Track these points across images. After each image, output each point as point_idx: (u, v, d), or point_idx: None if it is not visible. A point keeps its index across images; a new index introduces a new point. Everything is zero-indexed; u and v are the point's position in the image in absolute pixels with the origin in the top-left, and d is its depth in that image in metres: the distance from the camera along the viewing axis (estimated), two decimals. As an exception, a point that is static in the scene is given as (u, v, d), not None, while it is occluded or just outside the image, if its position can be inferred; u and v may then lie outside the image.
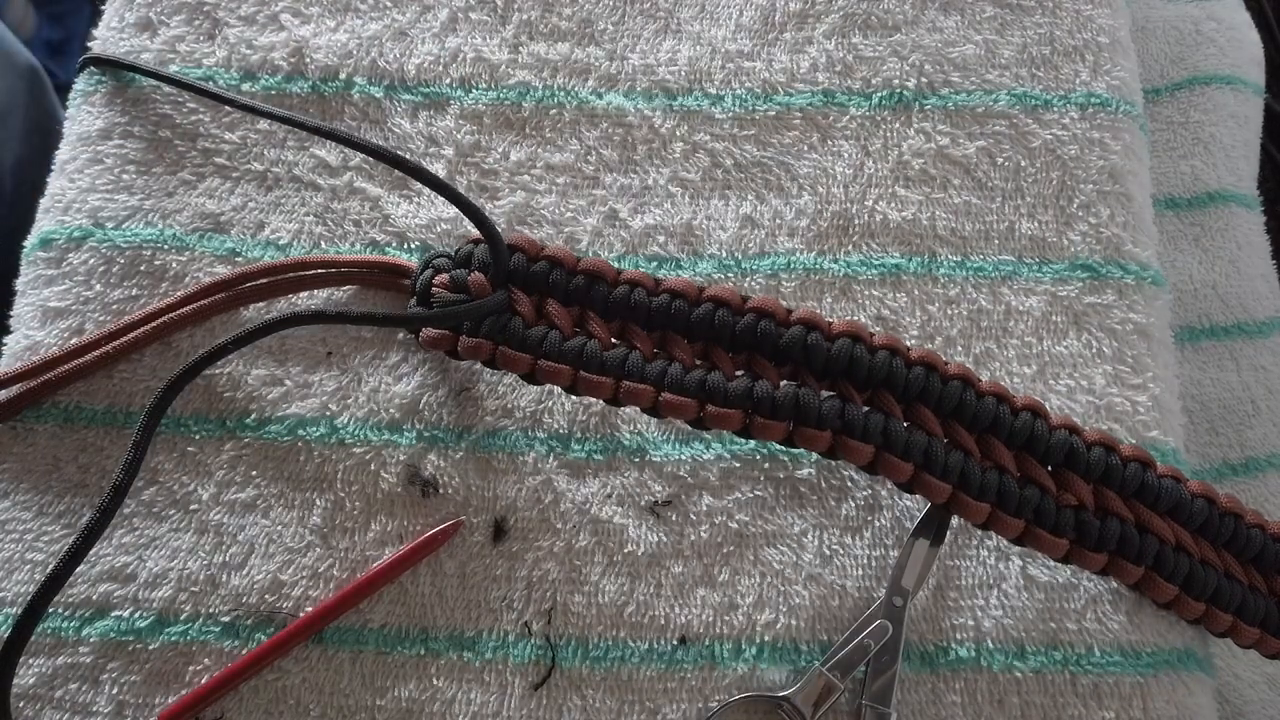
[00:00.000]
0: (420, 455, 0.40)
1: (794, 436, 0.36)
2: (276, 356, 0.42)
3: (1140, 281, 0.43)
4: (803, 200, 0.45)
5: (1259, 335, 0.55)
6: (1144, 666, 0.37)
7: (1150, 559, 0.36)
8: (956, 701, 0.36)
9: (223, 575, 0.38)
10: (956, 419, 0.36)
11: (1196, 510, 0.37)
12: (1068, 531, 0.36)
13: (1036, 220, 0.44)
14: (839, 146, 0.46)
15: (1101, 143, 0.45)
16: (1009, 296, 0.43)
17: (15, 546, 0.39)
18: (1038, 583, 0.38)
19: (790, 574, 0.38)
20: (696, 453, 0.40)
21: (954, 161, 0.45)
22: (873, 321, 0.42)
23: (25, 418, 0.41)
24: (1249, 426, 0.53)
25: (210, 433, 0.40)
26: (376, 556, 0.39)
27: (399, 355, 0.42)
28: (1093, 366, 0.42)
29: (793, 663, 0.37)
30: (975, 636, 0.37)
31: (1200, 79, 0.60)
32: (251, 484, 0.40)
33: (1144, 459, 0.36)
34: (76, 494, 0.40)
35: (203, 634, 0.38)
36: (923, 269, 0.43)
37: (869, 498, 0.40)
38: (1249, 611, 0.37)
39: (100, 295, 0.43)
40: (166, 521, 0.39)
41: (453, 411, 0.41)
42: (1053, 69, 0.47)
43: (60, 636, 0.37)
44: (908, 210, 0.44)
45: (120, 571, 0.38)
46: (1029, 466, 0.36)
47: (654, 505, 0.39)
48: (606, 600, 0.38)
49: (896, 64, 0.47)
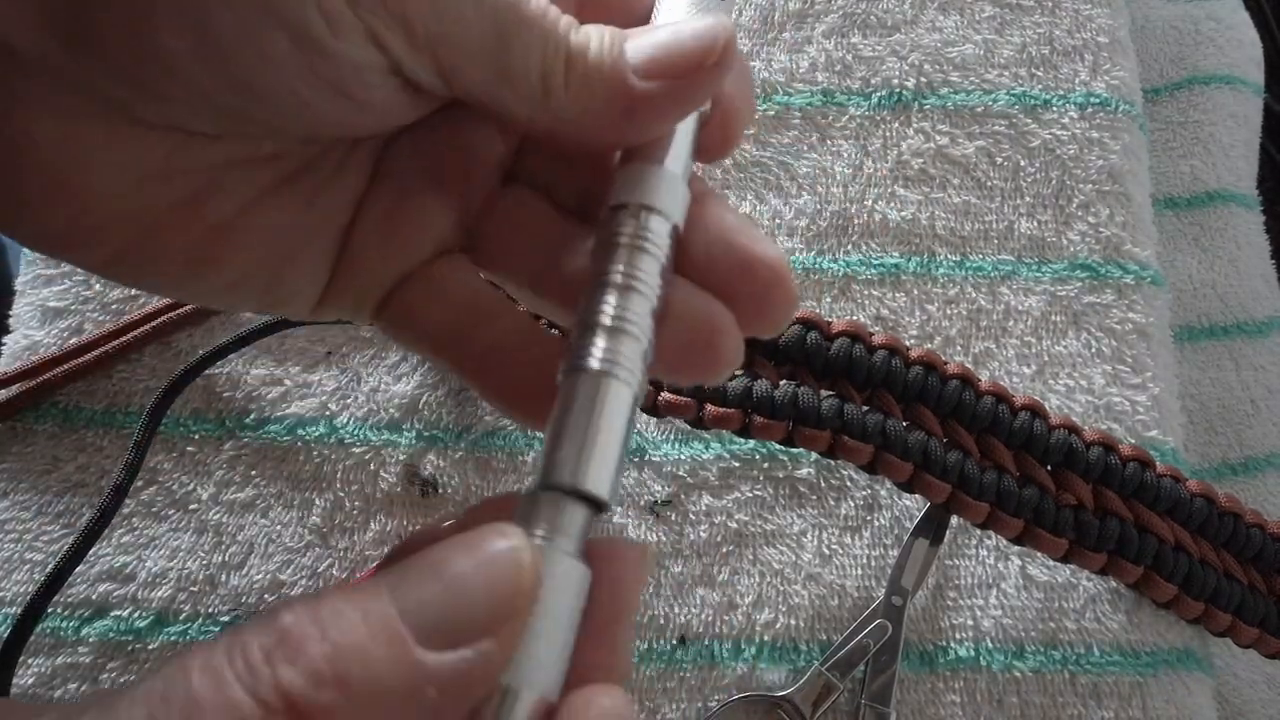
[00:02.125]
0: (420, 455, 0.40)
1: (793, 436, 0.36)
2: (276, 356, 0.42)
3: (1139, 281, 0.43)
4: (802, 200, 0.45)
5: (1258, 335, 0.55)
6: (1143, 666, 0.37)
7: (1149, 558, 0.36)
8: (956, 701, 0.36)
9: (222, 575, 0.38)
10: (956, 419, 0.36)
11: (1196, 510, 0.37)
12: (1067, 531, 0.36)
13: (1035, 220, 0.44)
14: (838, 146, 0.46)
15: (1101, 142, 0.45)
16: (1008, 296, 0.43)
17: (14, 546, 0.39)
18: (1037, 582, 0.38)
19: (790, 573, 0.38)
20: (696, 452, 0.40)
21: (953, 161, 0.45)
22: (872, 321, 0.42)
23: (24, 418, 0.41)
24: (1248, 426, 0.53)
25: (210, 432, 0.40)
26: (376, 556, 0.39)
27: (398, 355, 0.42)
28: (1092, 366, 0.41)
29: (792, 662, 0.37)
30: (974, 636, 0.37)
31: (1200, 79, 0.60)
32: (251, 484, 0.40)
33: (1143, 458, 0.36)
34: (76, 494, 0.40)
35: (202, 634, 0.38)
36: (922, 268, 0.43)
37: (868, 497, 0.40)
38: (1248, 611, 0.37)
39: (100, 295, 0.43)
40: (166, 521, 0.39)
41: (452, 411, 0.41)
42: (1052, 69, 0.47)
43: (60, 636, 0.37)
44: (907, 210, 0.44)
45: (120, 571, 0.38)
46: (1028, 466, 0.36)
47: (653, 505, 0.39)
48: (606, 600, 0.38)
49: (896, 64, 0.47)
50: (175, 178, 0.20)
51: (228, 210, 0.20)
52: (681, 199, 0.20)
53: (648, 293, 0.19)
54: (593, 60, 0.19)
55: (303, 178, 0.21)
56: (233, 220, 0.21)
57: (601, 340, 0.18)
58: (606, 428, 0.18)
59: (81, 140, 0.19)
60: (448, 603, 0.15)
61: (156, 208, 0.20)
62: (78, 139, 0.18)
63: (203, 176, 0.20)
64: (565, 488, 0.17)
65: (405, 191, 0.22)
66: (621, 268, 0.19)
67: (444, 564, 0.15)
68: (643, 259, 0.19)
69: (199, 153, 0.20)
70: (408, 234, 0.22)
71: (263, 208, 0.21)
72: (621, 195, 0.20)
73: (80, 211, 0.19)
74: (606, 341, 0.18)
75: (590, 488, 0.17)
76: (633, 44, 0.19)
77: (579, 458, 0.17)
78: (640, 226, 0.19)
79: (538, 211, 0.22)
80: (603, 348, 0.18)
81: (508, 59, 0.19)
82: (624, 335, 0.18)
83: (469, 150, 0.22)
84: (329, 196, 0.22)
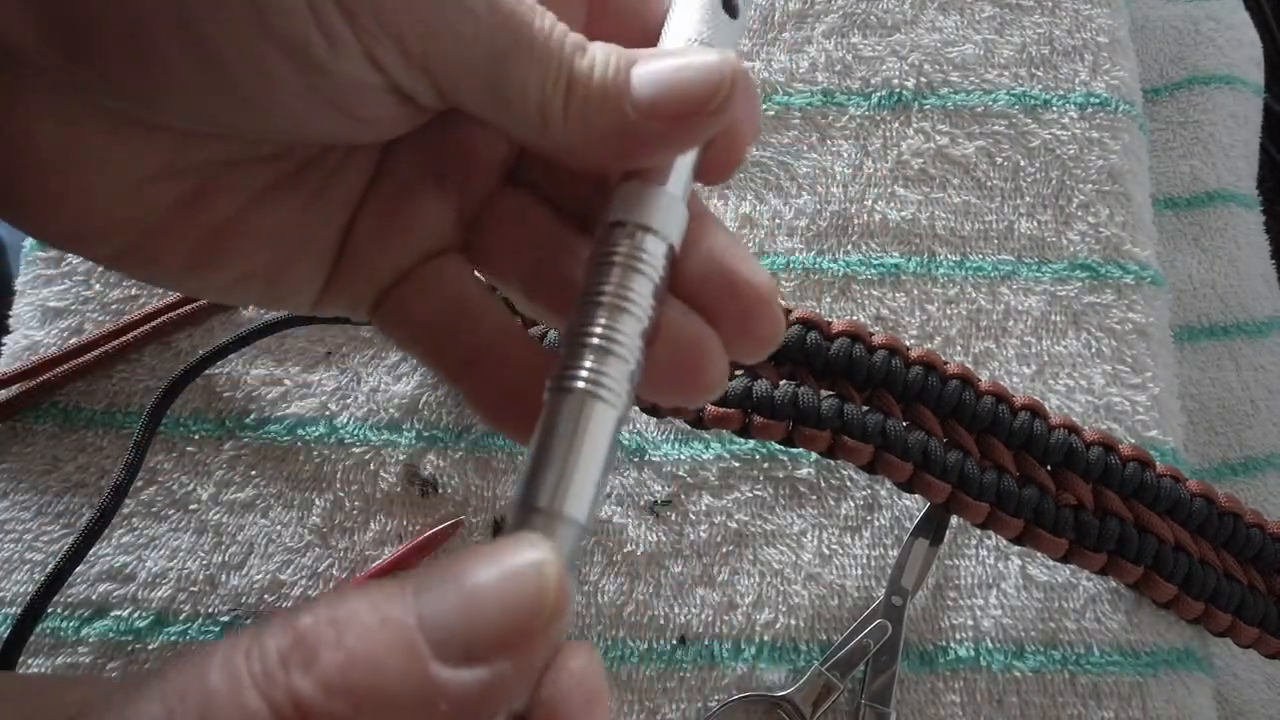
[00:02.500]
0: (419, 455, 0.40)
1: (793, 436, 0.36)
2: (276, 356, 0.42)
3: (1139, 281, 0.43)
4: (802, 200, 0.45)
5: (1258, 335, 0.55)
6: (1143, 666, 0.37)
7: (1149, 558, 0.36)
8: (956, 701, 0.36)
9: (222, 575, 0.38)
10: (956, 419, 0.36)
11: (1196, 510, 0.37)
12: (1067, 531, 0.36)
13: (1035, 220, 0.44)
14: (838, 146, 0.46)
15: (1100, 142, 0.45)
16: (1008, 296, 0.43)
17: (14, 546, 0.39)
18: (1037, 582, 0.38)
19: (789, 573, 0.38)
20: (696, 452, 0.40)
21: (953, 161, 0.45)
22: (872, 321, 0.42)
23: (24, 417, 0.41)
24: (1248, 426, 0.53)
25: (210, 432, 0.40)
26: (375, 556, 0.39)
27: (398, 355, 0.42)
28: (1092, 366, 0.41)
29: (792, 662, 0.37)
30: (974, 636, 0.37)
31: (1199, 79, 0.60)
32: (251, 484, 0.40)
33: (1143, 458, 0.36)
34: (76, 494, 0.40)
35: (202, 634, 0.38)
36: (922, 268, 0.43)
37: (868, 497, 0.40)
38: (1248, 611, 0.37)
39: (99, 295, 0.43)
40: (166, 521, 0.39)
41: (452, 411, 0.41)
42: (1052, 69, 0.47)
43: (60, 636, 0.37)
44: (907, 210, 0.44)
45: (119, 571, 0.38)
46: (1028, 466, 0.36)
47: (653, 505, 0.39)
48: (606, 600, 0.38)
49: (895, 63, 0.47)
50: (175, 178, 0.20)
51: (228, 210, 0.20)
52: (680, 221, 0.20)
53: (639, 314, 0.19)
54: (596, 89, 0.19)
55: (303, 177, 0.21)
56: (233, 219, 0.21)
57: (589, 360, 0.18)
58: (589, 450, 0.17)
59: (82, 142, 0.19)
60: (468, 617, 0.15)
61: (157, 207, 0.20)
62: (78, 141, 0.18)
63: (203, 176, 0.20)
64: (543, 511, 0.17)
65: (406, 190, 0.22)
66: (613, 287, 0.19)
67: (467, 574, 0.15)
68: (636, 279, 0.19)
69: (199, 153, 0.20)
70: (407, 232, 0.22)
71: (263, 207, 0.21)
72: (619, 213, 0.19)
73: (81, 212, 0.19)
74: (594, 361, 0.18)
75: (569, 511, 0.17)
76: (639, 72, 0.19)
77: (559, 480, 0.17)
78: (635, 246, 0.19)
79: (537, 215, 0.22)
80: (589, 368, 0.18)
81: (506, 83, 0.18)
82: (612, 356, 0.18)
83: (471, 151, 0.22)
84: (329, 195, 0.22)
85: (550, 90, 0.19)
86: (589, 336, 0.18)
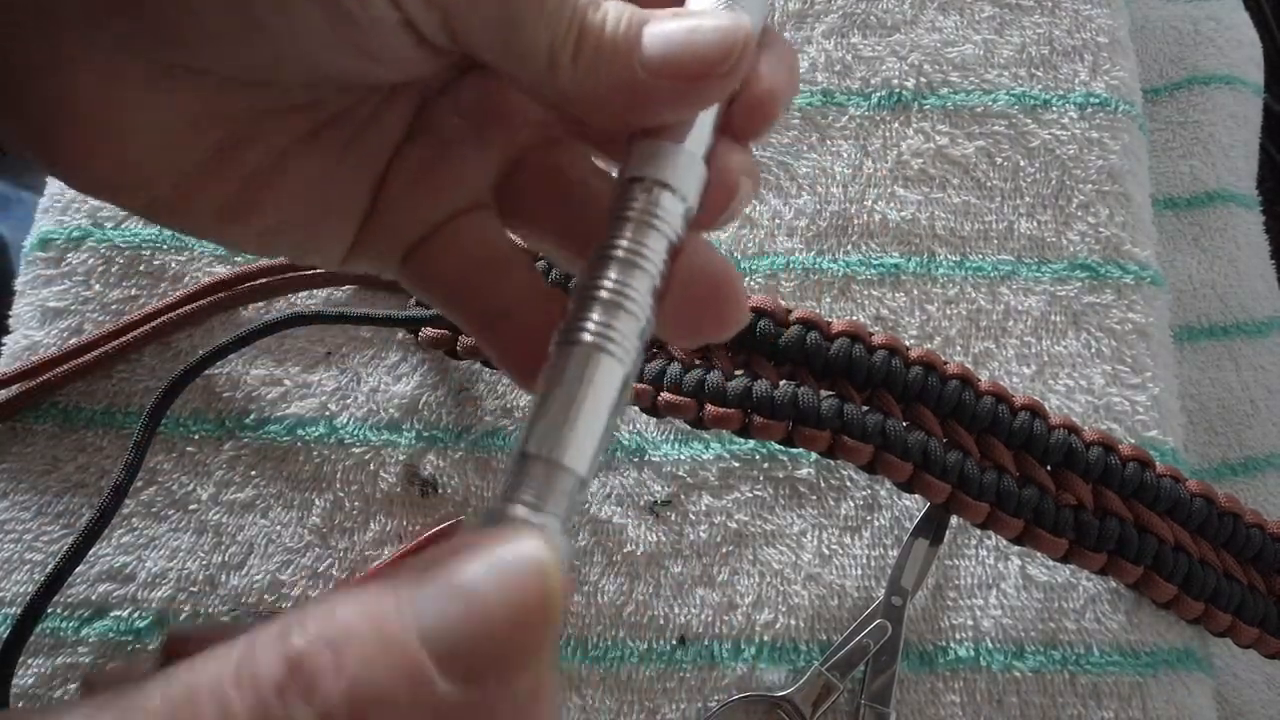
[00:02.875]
0: (419, 455, 0.40)
1: (793, 436, 0.36)
2: (276, 356, 0.42)
3: (1139, 281, 0.43)
4: (802, 200, 0.45)
5: (1258, 335, 0.55)
6: (1143, 666, 0.37)
7: (1149, 558, 0.36)
8: (955, 701, 0.36)
9: (222, 575, 0.38)
10: (956, 419, 0.36)
11: (1195, 510, 0.37)
12: (1067, 531, 0.36)
13: (1035, 220, 0.44)
14: (838, 146, 0.46)
15: (1100, 142, 0.45)
16: (1008, 296, 0.43)
17: (14, 546, 0.39)
18: (1036, 582, 0.38)
19: (789, 574, 0.38)
20: (695, 453, 0.40)
21: (953, 161, 0.45)
22: (872, 321, 0.42)
23: (24, 417, 0.41)
24: (1248, 426, 0.53)
25: (209, 432, 0.40)
26: (375, 556, 0.39)
27: (398, 355, 0.42)
28: (1092, 366, 0.41)
29: (792, 662, 0.37)
30: (974, 636, 0.37)
31: (1199, 79, 0.60)
32: (250, 484, 0.40)
33: (1143, 458, 0.36)
34: (75, 494, 0.40)
35: (202, 634, 0.37)
36: (921, 269, 0.43)
37: (868, 497, 0.40)
38: (1248, 611, 0.37)
39: (99, 295, 0.43)
40: (166, 521, 0.39)
41: (452, 411, 0.41)
42: (1052, 69, 0.47)
43: (60, 637, 0.37)
44: (906, 210, 0.44)
45: (119, 571, 0.38)
46: (1028, 466, 0.36)
47: (653, 505, 0.39)
48: (605, 600, 0.38)
49: (895, 64, 0.47)
50: (209, 128, 0.20)
51: (261, 160, 0.21)
52: (698, 179, 0.20)
53: (651, 270, 0.18)
54: (606, 41, 0.19)
55: (337, 127, 0.22)
56: (265, 170, 0.21)
57: (598, 314, 0.18)
58: (593, 403, 0.17)
59: (120, 93, 0.19)
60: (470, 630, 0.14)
61: (191, 157, 0.20)
62: (116, 91, 0.19)
63: (237, 125, 0.20)
64: (542, 459, 0.17)
65: (445, 144, 0.22)
66: (626, 242, 0.18)
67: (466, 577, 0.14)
68: (650, 235, 0.19)
69: (232, 102, 0.20)
70: (443, 186, 0.22)
71: (295, 158, 0.21)
72: (635, 169, 0.19)
73: (117, 162, 0.20)
74: (603, 315, 0.18)
75: (568, 461, 0.17)
76: (651, 30, 0.19)
77: (561, 430, 0.17)
78: (651, 202, 0.19)
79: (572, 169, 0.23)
80: (598, 321, 0.18)
81: (518, 28, 0.19)
82: (621, 311, 0.18)
83: (511, 111, 0.22)
84: (363, 146, 0.22)
85: (561, 39, 0.19)
86: (599, 290, 0.18)
